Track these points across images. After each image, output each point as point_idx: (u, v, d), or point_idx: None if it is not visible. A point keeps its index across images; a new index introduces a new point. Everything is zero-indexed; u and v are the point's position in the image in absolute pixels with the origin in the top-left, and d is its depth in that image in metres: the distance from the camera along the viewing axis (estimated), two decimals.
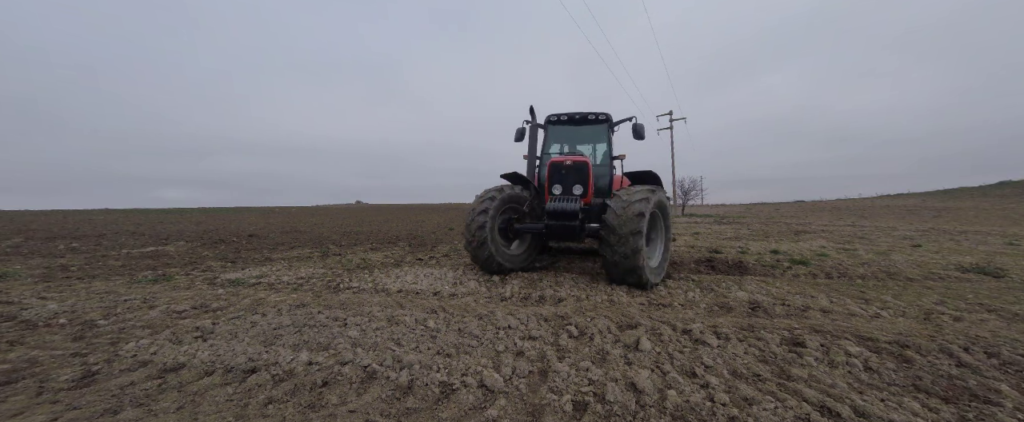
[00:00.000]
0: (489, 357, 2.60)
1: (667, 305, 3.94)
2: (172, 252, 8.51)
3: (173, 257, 7.75)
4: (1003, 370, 2.41)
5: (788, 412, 1.94)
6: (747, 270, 5.78)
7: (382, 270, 6.14)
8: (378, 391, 2.14)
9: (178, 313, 3.71)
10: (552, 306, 3.90)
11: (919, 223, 15.15)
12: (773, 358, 2.60)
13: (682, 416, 1.93)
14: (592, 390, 2.16)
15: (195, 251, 8.69)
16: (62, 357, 2.67)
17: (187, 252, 8.54)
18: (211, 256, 7.92)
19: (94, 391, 2.19)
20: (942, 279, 5.06)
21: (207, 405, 2.05)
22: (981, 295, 4.19)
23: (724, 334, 2.97)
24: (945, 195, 30.77)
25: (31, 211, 31.85)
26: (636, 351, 2.69)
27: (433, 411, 1.99)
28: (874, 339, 2.87)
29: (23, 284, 5.08)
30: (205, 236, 12.05)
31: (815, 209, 28.14)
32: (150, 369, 2.45)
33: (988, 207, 21.47)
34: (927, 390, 2.19)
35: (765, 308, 3.72)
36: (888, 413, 1.93)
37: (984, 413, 1.95)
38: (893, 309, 3.72)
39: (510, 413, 1.97)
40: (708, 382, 2.23)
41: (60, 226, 15.90)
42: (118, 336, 3.09)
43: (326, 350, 2.75)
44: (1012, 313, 3.54)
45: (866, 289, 4.54)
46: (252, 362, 2.54)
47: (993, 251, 7.45)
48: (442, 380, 2.24)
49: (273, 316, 3.54)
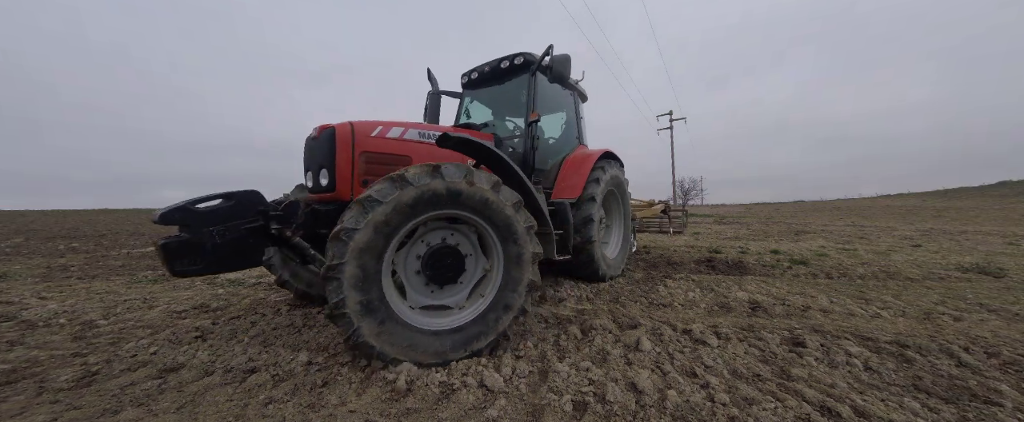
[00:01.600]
0: (488, 357, 2.60)
1: (667, 305, 3.94)
2: None
3: None
4: (1003, 370, 2.41)
5: (788, 412, 1.94)
6: (747, 270, 5.77)
7: None
8: (377, 392, 2.13)
9: (178, 313, 3.71)
10: (552, 307, 3.90)
11: (919, 223, 15.15)
12: (773, 358, 2.60)
13: (682, 416, 1.93)
14: (592, 390, 2.16)
15: None
16: (62, 357, 2.67)
17: None
18: None
19: (94, 391, 2.19)
20: (942, 279, 5.06)
21: (207, 405, 2.05)
22: (981, 295, 4.19)
23: (724, 334, 2.96)
24: (945, 195, 30.76)
25: (31, 211, 31.85)
26: (636, 351, 2.68)
27: (433, 411, 1.99)
28: (874, 339, 2.87)
29: (23, 284, 5.08)
30: None
31: (815, 209, 28.14)
32: (150, 369, 2.45)
33: (988, 207, 21.47)
34: (927, 390, 2.19)
35: (765, 308, 3.72)
36: (888, 413, 1.93)
37: (984, 413, 1.95)
38: (893, 309, 3.72)
39: (510, 413, 1.97)
40: (708, 382, 2.23)
41: (60, 226, 15.90)
42: (118, 336, 3.09)
43: (326, 350, 2.75)
44: (1012, 313, 3.54)
45: (866, 289, 4.54)
46: (252, 362, 2.54)
47: (993, 251, 7.45)
48: (442, 380, 2.24)
49: (272, 316, 3.53)
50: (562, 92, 4.80)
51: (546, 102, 4.52)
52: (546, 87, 4.38)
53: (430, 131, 3.33)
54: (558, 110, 4.95)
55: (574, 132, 5.02)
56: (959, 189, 32.36)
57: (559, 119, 5.04)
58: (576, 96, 5.04)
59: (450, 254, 2.62)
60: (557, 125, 5.02)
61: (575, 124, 4.95)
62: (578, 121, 4.98)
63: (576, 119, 4.94)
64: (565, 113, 5.03)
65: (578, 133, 4.93)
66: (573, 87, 4.92)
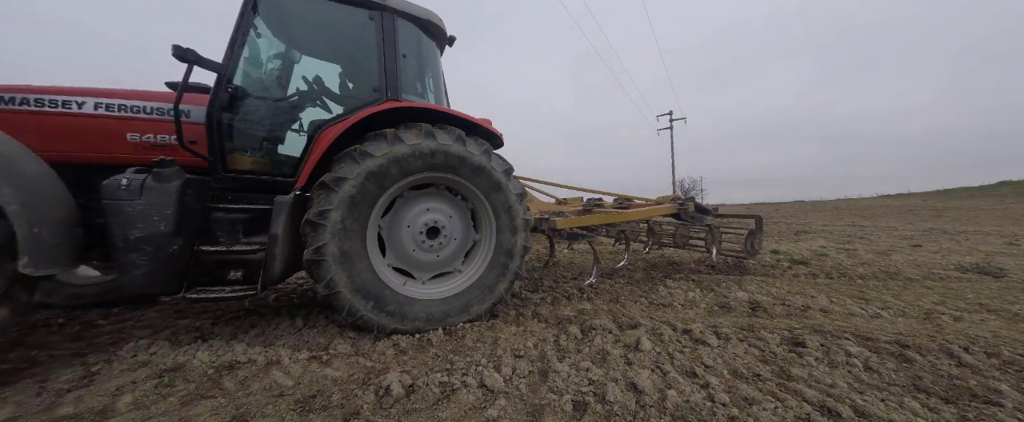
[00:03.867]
0: (489, 357, 2.60)
1: (667, 305, 3.94)
2: None
3: None
4: (1003, 370, 2.41)
5: (788, 412, 1.94)
6: (747, 270, 5.77)
7: None
8: (378, 391, 2.13)
9: (178, 313, 3.71)
10: (551, 307, 3.90)
11: (919, 223, 15.14)
12: (773, 358, 2.60)
13: (682, 416, 1.93)
14: (592, 390, 2.16)
15: None
16: (62, 357, 2.67)
17: None
18: None
19: (94, 391, 2.19)
20: (942, 279, 5.05)
21: (206, 405, 2.05)
22: (981, 295, 4.19)
23: (724, 334, 2.97)
24: (945, 195, 30.74)
25: None
26: (636, 351, 2.69)
27: (433, 411, 1.99)
28: (874, 339, 2.87)
29: None
30: None
31: (815, 209, 28.12)
32: (150, 369, 2.45)
33: (988, 207, 21.45)
34: (927, 390, 2.19)
35: (765, 308, 3.72)
36: (888, 413, 1.93)
37: (984, 413, 1.95)
38: (893, 309, 3.72)
39: (510, 413, 1.97)
40: (708, 382, 2.23)
41: None
42: (118, 336, 3.09)
43: (326, 350, 2.75)
44: (1012, 313, 3.54)
45: (866, 289, 4.54)
46: (252, 362, 2.54)
47: (993, 251, 7.44)
48: (442, 380, 2.24)
49: (273, 316, 3.54)
50: (321, 12, 3.11)
51: (282, 30, 3.24)
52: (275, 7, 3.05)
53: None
54: (300, 46, 3.41)
55: (353, 83, 3.43)
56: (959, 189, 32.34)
57: (302, 59, 3.43)
58: (384, 21, 3.13)
59: None
60: (290, 69, 3.41)
61: (381, 67, 3.12)
62: (392, 60, 3.12)
63: (384, 58, 3.11)
64: (326, 50, 3.44)
65: (387, 81, 3.11)
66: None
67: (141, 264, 2.40)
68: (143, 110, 2.84)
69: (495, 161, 3.23)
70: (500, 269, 3.31)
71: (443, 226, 3.18)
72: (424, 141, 2.88)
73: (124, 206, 2.36)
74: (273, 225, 2.60)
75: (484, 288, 3.25)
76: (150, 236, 2.40)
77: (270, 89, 3.28)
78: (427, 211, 3.16)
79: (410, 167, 2.87)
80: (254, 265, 2.68)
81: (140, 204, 2.39)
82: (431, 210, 3.18)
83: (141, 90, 2.94)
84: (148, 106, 2.85)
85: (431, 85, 3.73)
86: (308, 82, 3.44)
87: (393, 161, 2.79)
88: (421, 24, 3.42)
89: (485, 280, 3.27)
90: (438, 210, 3.21)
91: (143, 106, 2.84)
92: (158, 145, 2.86)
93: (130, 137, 2.81)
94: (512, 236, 3.34)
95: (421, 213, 3.14)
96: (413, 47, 3.40)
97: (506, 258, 3.33)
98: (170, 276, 2.52)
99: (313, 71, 3.46)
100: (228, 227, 2.75)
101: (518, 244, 3.36)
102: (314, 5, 3.12)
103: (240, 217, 2.79)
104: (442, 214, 3.21)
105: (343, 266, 2.68)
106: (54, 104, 2.66)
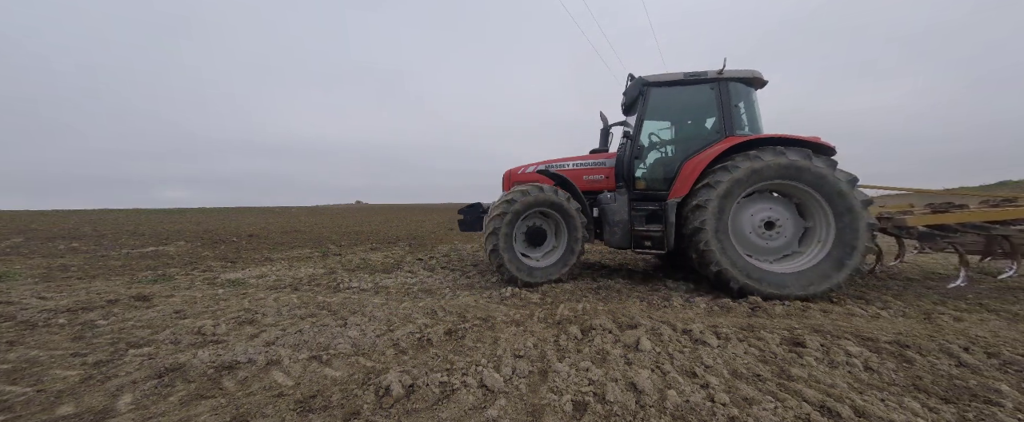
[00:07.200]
0: (489, 357, 2.60)
1: (667, 305, 3.94)
2: (172, 252, 8.51)
3: (173, 257, 7.75)
4: (1003, 370, 2.41)
5: (788, 412, 1.94)
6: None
7: (383, 271, 6.14)
8: (378, 391, 2.13)
9: (178, 313, 3.71)
10: (551, 306, 3.90)
11: None
12: (773, 358, 2.60)
13: (682, 416, 1.93)
14: (592, 390, 2.16)
15: (195, 251, 8.70)
16: (62, 357, 2.67)
17: (187, 252, 8.54)
18: (211, 256, 7.92)
19: (94, 391, 2.19)
20: (942, 279, 5.05)
21: (206, 405, 2.05)
22: (981, 295, 4.19)
23: (724, 334, 2.97)
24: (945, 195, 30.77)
25: (31, 211, 31.86)
26: (636, 351, 2.69)
27: (433, 411, 1.99)
28: (874, 339, 2.87)
29: (23, 284, 5.08)
30: (205, 236, 12.05)
31: None
32: (150, 369, 2.45)
33: None
34: (927, 390, 2.19)
35: (765, 308, 3.72)
36: (888, 413, 1.93)
37: (984, 413, 1.95)
38: (893, 309, 3.72)
39: (510, 413, 1.97)
40: (708, 382, 2.23)
41: (60, 226, 15.90)
42: (118, 336, 3.09)
43: (326, 350, 2.75)
44: (1012, 313, 3.54)
45: (866, 289, 4.54)
46: (252, 362, 2.54)
47: None
48: (442, 380, 2.24)
49: (273, 316, 3.54)
50: (681, 95, 5.06)
51: (659, 112, 5.33)
52: (656, 100, 5.10)
53: (539, 167, 5.59)
54: (670, 118, 5.51)
55: (705, 130, 5.04)
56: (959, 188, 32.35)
57: (675, 125, 5.56)
58: (720, 87, 4.74)
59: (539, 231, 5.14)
60: (667, 132, 5.64)
61: (720, 118, 4.73)
62: (727, 113, 4.67)
63: (723, 112, 4.69)
64: (686, 116, 5.38)
65: (725, 126, 4.67)
66: (699, 81, 4.84)
67: (617, 233, 4.93)
68: (584, 164, 5.54)
69: (839, 172, 4.14)
70: (836, 263, 4.10)
71: (776, 219, 4.45)
72: (776, 158, 4.19)
73: (609, 207, 5.02)
74: (668, 215, 4.55)
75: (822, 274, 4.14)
76: (620, 221, 4.94)
77: (653, 142, 5.50)
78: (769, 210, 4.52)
79: (765, 176, 4.19)
80: (658, 238, 4.69)
81: (615, 206, 4.99)
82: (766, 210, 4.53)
83: (582, 155, 5.72)
84: (588, 162, 5.55)
85: (747, 115, 5.01)
86: (670, 135, 5.59)
87: (752, 171, 4.21)
88: (745, 80, 4.90)
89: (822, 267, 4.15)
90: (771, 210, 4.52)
91: (584, 162, 5.56)
92: (595, 181, 5.46)
93: (586, 178, 5.48)
94: (853, 235, 4.08)
95: (759, 211, 4.50)
96: (742, 97, 4.84)
97: (845, 253, 4.10)
98: (628, 240, 4.90)
99: (673, 127, 5.61)
100: (643, 218, 4.87)
101: (859, 245, 4.07)
102: (675, 91, 5.04)
103: (643, 213, 4.89)
104: (775, 212, 4.48)
105: (716, 235, 4.19)
106: (563, 166, 5.53)
